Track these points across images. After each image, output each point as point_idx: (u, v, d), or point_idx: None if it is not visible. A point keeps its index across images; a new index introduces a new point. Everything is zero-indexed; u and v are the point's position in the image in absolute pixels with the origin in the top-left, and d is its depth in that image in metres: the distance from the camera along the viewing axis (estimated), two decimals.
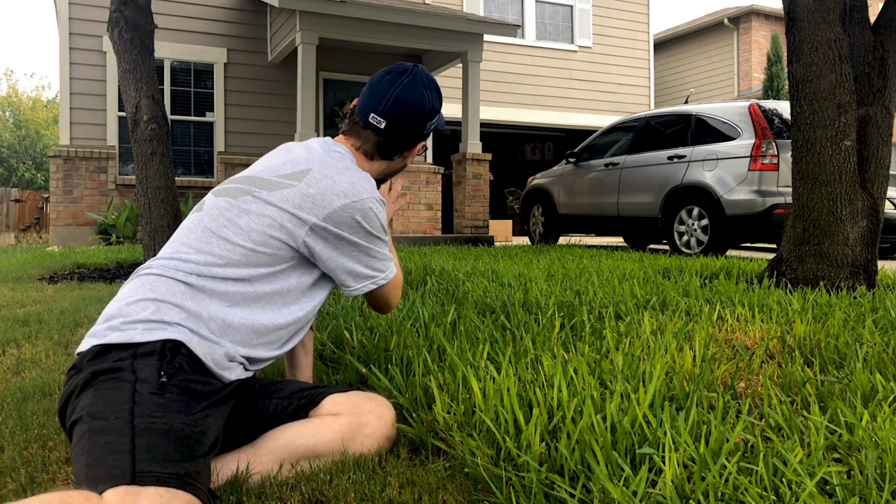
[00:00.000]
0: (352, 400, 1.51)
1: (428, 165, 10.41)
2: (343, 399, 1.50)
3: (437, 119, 1.70)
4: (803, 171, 3.50)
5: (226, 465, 1.37)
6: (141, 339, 1.31)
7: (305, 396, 1.52)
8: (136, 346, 1.30)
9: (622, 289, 3.09)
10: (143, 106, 4.89)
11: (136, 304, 1.36)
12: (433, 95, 1.67)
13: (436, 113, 1.69)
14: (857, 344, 2.04)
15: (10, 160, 23.90)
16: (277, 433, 1.44)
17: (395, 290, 1.69)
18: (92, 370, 1.28)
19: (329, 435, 1.43)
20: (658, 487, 1.16)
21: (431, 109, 1.67)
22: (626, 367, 1.75)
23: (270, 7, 9.52)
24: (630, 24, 14.77)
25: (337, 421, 1.46)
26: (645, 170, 7.31)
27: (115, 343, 1.31)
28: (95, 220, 8.47)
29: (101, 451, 1.15)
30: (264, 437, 1.43)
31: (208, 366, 1.35)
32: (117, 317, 1.36)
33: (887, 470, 1.18)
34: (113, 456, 1.14)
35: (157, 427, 1.20)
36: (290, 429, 1.44)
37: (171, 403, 1.25)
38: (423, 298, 2.99)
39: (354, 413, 1.48)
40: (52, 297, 3.84)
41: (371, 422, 1.48)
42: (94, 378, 1.27)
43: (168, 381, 1.27)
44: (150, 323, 1.33)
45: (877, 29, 3.54)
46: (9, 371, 2.27)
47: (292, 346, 1.57)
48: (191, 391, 1.30)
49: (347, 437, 1.44)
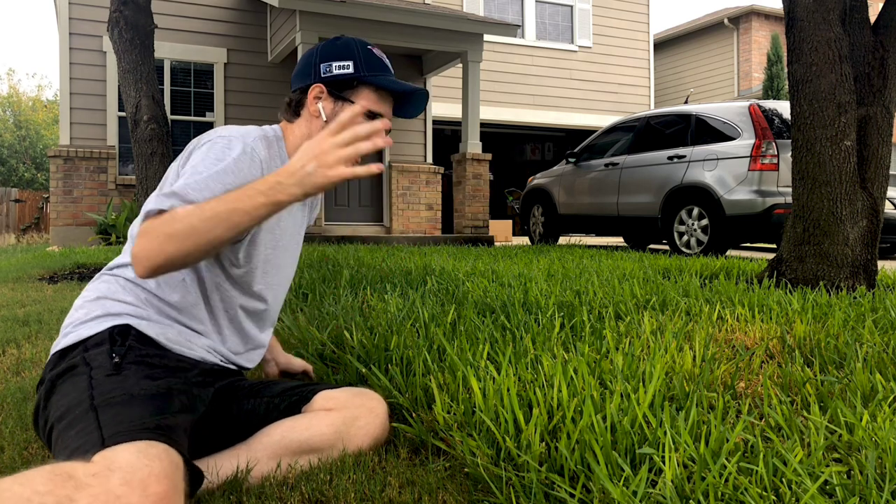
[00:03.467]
0: (343, 395, 1.51)
1: (428, 165, 10.40)
2: (335, 394, 1.51)
3: (347, 63, 1.49)
4: (803, 171, 3.49)
5: (222, 464, 1.37)
6: (89, 332, 1.34)
7: (297, 393, 1.52)
8: (85, 341, 1.33)
9: (622, 289, 3.08)
10: (143, 106, 4.89)
11: (82, 308, 1.42)
12: (335, 43, 1.52)
13: (336, 56, 1.50)
14: (857, 344, 2.04)
15: (11, 160, 23.90)
16: (271, 429, 1.44)
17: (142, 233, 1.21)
18: (50, 377, 1.32)
19: (322, 428, 1.44)
20: (658, 487, 1.16)
21: (325, 52, 1.51)
22: (626, 367, 1.75)
23: (270, 7, 9.52)
24: (630, 24, 14.77)
25: (329, 415, 1.46)
26: (645, 170, 7.31)
27: (68, 345, 1.35)
28: (95, 220, 8.46)
29: (73, 442, 1.16)
30: (258, 434, 1.44)
31: (162, 343, 1.38)
32: (68, 325, 1.41)
33: (887, 470, 1.18)
34: (84, 438, 1.14)
35: (118, 399, 1.20)
36: (284, 424, 1.45)
37: (128, 377, 1.26)
38: (423, 298, 2.99)
39: (346, 407, 1.48)
40: (52, 297, 3.84)
41: (363, 415, 1.49)
42: (53, 385, 1.30)
43: (121, 360, 1.29)
44: (96, 319, 1.37)
45: (877, 29, 3.54)
46: (9, 371, 2.27)
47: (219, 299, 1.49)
48: (147, 364, 1.31)
49: (341, 430, 1.44)
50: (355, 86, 1.51)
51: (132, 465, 1.03)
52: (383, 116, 1.52)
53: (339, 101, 1.50)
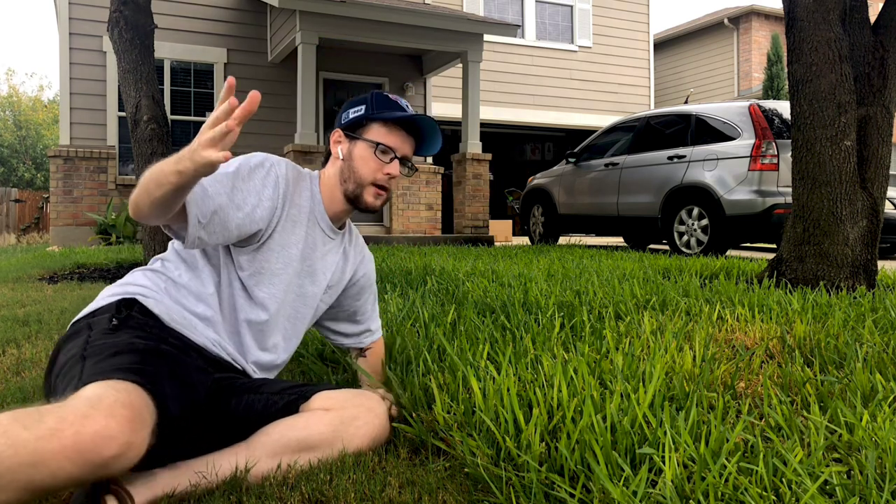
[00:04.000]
0: (342, 395, 1.51)
1: (428, 165, 10.40)
2: (334, 394, 1.51)
3: (364, 107, 1.63)
4: (803, 171, 3.49)
5: (221, 462, 1.37)
6: (98, 305, 1.49)
7: (296, 392, 1.52)
8: (94, 312, 1.47)
9: (622, 289, 3.08)
10: (143, 106, 4.89)
11: (105, 292, 1.56)
12: (356, 96, 1.70)
13: (353, 105, 1.66)
14: (857, 344, 2.04)
15: (11, 160, 23.91)
16: (270, 428, 1.44)
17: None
18: (58, 342, 1.46)
19: (321, 427, 1.44)
20: (658, 487, 1.16)
21: (346, 105, 1.68)
22: (626, 367, 1.75)
23: (270, 7, 9.52)
24: (630, 24, 14.77)
25: (328, 414, 1.46)
26: (645, 170, 7.31)
27: (80, 317, 1.49)
28: (95, 220, 8.46)
29: (59, 390, 1.29)
30: (258, 434, 1.44)
31: (165, 320, 1.49)
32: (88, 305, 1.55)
33: (887, 470, 1.18)
34: (67, 384, 1.26)
35: (105, 351, 1.31)
36: (282, 423, 1.45)
37: (121, 335, 1.37)
38: (423, 298, 3.00)
39: (345, 407, 1.48)
40: (52, 297, 3.84)
41: (362, 414, 1.48)
42: (59, 348, 1.44)
43: (119, 324, 1.41)
44: (111, 296, 1.51)
45: (877, 29, 3.54)
46: (9, 371, 2.27)
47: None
48: (144, 330, 1.42)
49: (339, 429, 1.44)
50: (365, 124, 1.62)
51: (99, 393, 1.14)
52: (395, 151, 1.61)
53: (354, 140, 1.62)
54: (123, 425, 1.09)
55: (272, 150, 9.85)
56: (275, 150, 9.54)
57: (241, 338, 1.61)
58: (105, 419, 1.08)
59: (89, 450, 1.05)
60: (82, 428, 1.06)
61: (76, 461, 1.05)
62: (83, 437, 1.05)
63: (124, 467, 1.11)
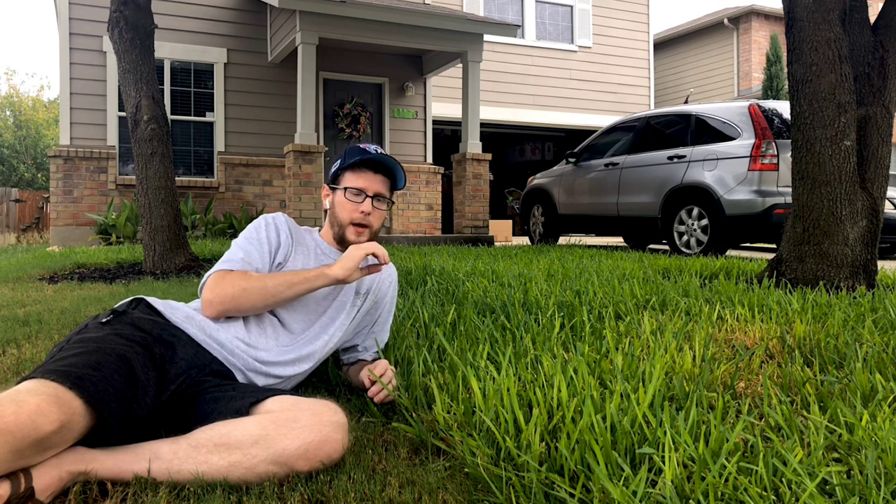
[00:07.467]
0: (294, 400, 1.48)
1: (428, 165, 10.41)
2: (287, 399, 1.48)
3: (340, 161, 1.93)
4: (803, 171, 3.49)
5: (161, 449, 1.38)
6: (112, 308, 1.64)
7: (254, 396, 1.50)
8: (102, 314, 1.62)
9: (622, 289, 3.08)
10: (143, 106, 4.89)
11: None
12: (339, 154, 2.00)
13: (337, 160, 1.96)
14: (857, 344, 2.04)
15: (11, 160, 23.90)
16: (211, 425, 1.43)
17: (213, 284, 1.72)
18: (69, 336, 1.56)
19: (250, 426, 1.39)
20: (658, 487, 1.16)
21: (334, 159, 2.01)
22: (626, 367, 1.75)
23: (270, 7, 9.52)
24: (630, 24, 14.76)
25: (267, 416, 1.43)
26: (645, 170, 7.31)
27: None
28: (95, 221, 8.46)
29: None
30: (200, 429, 1.42)
31: (164, 312, 1.64)
32: None
33: (887, 470, 1.18)
34: (36, 369, 1.38)
35: (76, 347, 1.43)
36: (224, 422, 1.43)
37: (105, 331, 1.51)
38: (423, 298, 3.00)
39: (290, 410, 1.43)
40: (52, 297, 3.84)
41: (304, 417, 1.41)
42: (68, 342, 1.52)
43: (113, 318, 1.56)
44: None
45: (877, 29, 3.54)
46: (9, 371, 2.27)
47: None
48: (134, 325, 1.55)
49: (269, 430, 1.38)
50: (340, 174, 1.92)
51: (30, 389, 1.27)
52: (365, 190, 1.88)
53: (335, 191, 1.93)
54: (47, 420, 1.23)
55: (272, 150, 9.81)
56: (275, 150, 9.55)
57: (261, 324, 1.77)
58: (37, 403, 1.23)
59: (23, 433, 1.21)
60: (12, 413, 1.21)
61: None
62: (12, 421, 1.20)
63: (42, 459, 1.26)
